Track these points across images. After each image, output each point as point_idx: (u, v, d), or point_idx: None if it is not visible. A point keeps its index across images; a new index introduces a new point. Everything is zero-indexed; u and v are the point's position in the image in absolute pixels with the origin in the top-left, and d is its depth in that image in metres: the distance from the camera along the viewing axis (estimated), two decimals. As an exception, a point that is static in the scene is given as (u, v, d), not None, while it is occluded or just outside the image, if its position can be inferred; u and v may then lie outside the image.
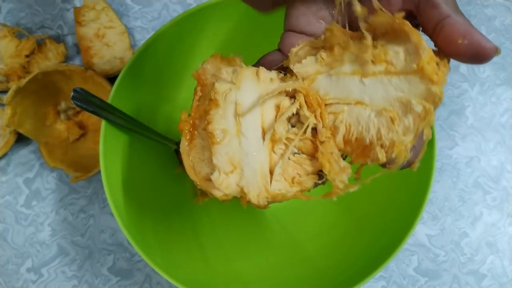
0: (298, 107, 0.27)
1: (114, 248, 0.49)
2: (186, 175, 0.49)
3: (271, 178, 0.27)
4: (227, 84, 0.27)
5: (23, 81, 0.47)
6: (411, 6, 0.26)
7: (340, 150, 0.27)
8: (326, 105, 0.28)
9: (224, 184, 0.26)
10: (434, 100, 0.24)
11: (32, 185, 0.51)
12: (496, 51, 0.24)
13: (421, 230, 0.50)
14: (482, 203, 0.51)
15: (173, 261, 0.42)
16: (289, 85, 0.27)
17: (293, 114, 0.28)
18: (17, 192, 0.51)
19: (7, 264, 0.49)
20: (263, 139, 0.27)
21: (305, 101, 0.28)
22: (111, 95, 0.41)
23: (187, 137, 0.27)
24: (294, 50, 0.28)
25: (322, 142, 0.27)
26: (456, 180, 0.51)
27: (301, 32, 0.30)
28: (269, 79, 0.27)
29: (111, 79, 0.53)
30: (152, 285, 0.48)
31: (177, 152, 0.48)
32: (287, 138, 0.27)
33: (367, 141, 0.26)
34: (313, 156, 0.28)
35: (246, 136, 0.27)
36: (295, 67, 0.28)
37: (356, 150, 0.26)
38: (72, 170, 0.49)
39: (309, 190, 0.27)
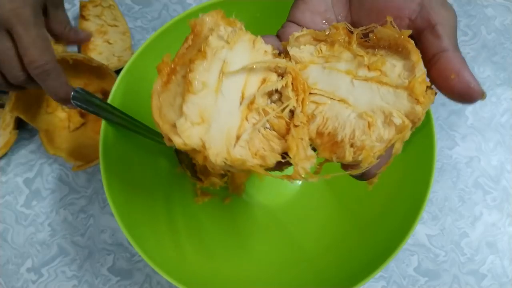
0: (284, 85, 0.27)
1: (114, 248, 0.49)
2: (187, 175, 0.49)
3: (236, 142, 0.26)
4: (221, 42, 0.26)
5: None
6: (413, 29, 0.27)
7: (310, 139, 0.27)
8: (310, 93, 0.28)
9: (187, 133, 0.25)
10: (414, 120, 0.25)
11: (32, 185, 0.51)
12: (481, 95, 0.25)
13: (421, 230, 0.50)
14: (482, 203, 0.51)
15: (173, 261, 0.42)
16: (282, 62, 0.27)
17: (275, 90, 0.27)
18: (17, 192, 0.51)
19: (7, 264, 0.49)
20: (240, 103, 0.26)
21: (292, 84, 0.27)
22: (111, 95, 0.41)
23: (163, 79, 0.26)
24: (296, 34, 0.28)
25: (295, 126, 0.27)
26: (456, 180, 0.51)
27: (303, 26, 0.30)
28: (263, 50, 0.27)
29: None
30: (152, 285, 0.48)
31: (177, 152, 0.48)
32: (263, 110, 0.27)
33: (339, 137, 0.26)
34: (283, 136, 0.27)
35: (224, 95, 0.26)
36: (292, 50, 0.28)
37: (325, 144, 0.27)
38: (73, 159, 0.49)
39: (269, 169, 0.27)
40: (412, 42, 0.25)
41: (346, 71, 0.27)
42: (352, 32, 0.28)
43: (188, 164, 0.48)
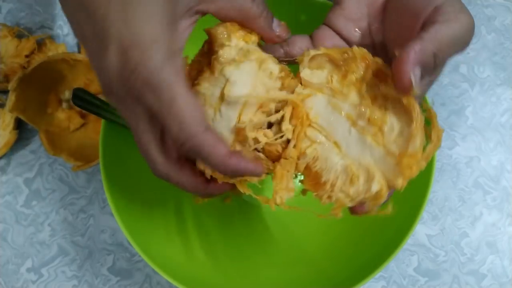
0: (279, 118, 0.28)
1: (114, 248, 0.49)
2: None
3: None
4: (230, 58, 0.27)
5: (29, 68, 0.48)
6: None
7: (298, 170, 0.28)
8: (310, 125, 0.28)
9: None
10: (391, 189, 0.26)
11: (32, 185, 0.51)
12: (408, 85, 0.23)
13: (421, 230, 0.50)
14: (482, 203, 0.51)
15: (173, 261, 0.42)
16: (281, 96, 0.27)
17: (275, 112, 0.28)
18: (17, 192, 0.51)
19: (7, 264, 0.49)
20: (235, 126, 0.27)
21: (292, 113, 0.28)
22: None
23: None
24: (312, 52, 0.28)
25: (285, 158, 0.28)
26: (456, 180, 0.51)
27: (337, 31, 0.30)
28: (269, 72, 0.27)
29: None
30: (152, 285, 0.48)
31: None
32: (254, 139, 0.27)
33: (323, 179, 0.27)
34: (273, 161, 0.28)
35: (222, 115, 0.27)
36: (303, 72, 0.28)
37: (310, 180, 0.28)
38: (73, 159, 0.49)
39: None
40: (418, 109, 0.25)
41: (348, 115, 0.27)
42: (369, 61, 0.27)
43: None
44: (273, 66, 0.27)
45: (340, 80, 0.28)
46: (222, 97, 0.26)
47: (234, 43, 0.27)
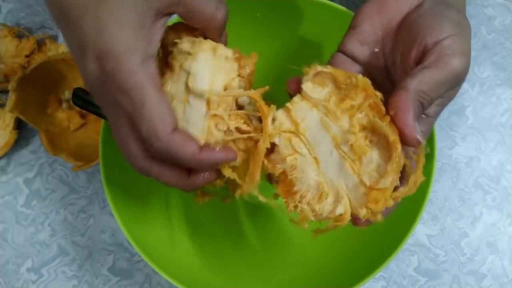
0: (247, 99, 0.29)
1: (114, 248, 0.49)
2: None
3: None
4: (184, 53, 0.28)
5: (29, 68, 0.48)
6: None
7: (272, 171, 0.29)
8: (297, 135, 0.29)
9: None
10: (352, 215, 0.28)
11: (32, 185, 0.51)
12: (416, 142, 0.26)
13: (421, 230, 0.50)
14: (482, 203, 0.51)
15: (173, 260, 0.42)
16: (246, 93, 0.29)
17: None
18: (17, 192, 0.51)
19: (7, 264, 0.49)
20: (206, 113, 0.28)
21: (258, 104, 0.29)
22: None
23: None
24: (319, 68, 0.29)
25: (255, 153, 0.29)
26: (456, 180, 0.51)
27: (351, 55, 0.32)
28: (224, 56, 0.28)
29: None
30: (152, 285, 0.48)
31: None
32: (229, 116, 0.28)
33: (295, 189, 0.28)
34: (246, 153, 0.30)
35: (191, 106, 0.28)
36: (305, 85, 0.29)
37: (284, 186, 0.29)
38: (73, 159, 0.49)
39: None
40: (399, 149, 0.26)
41: (334, 137, 0.28)
42: (371, 94, 0.28)
43: None
44: (226, 51, 0.29)
45: (337, 103, 0.28)
46: (188, 90, 0.28)
47: (185, 40, 0.29)
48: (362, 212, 0.27)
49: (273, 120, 0.29)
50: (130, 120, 0.27)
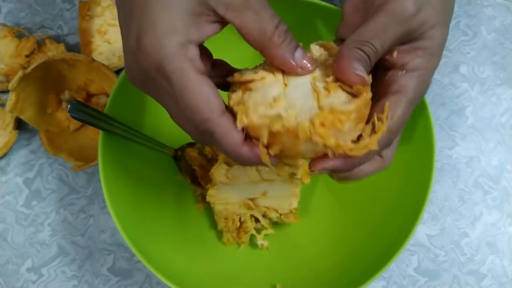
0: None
1: (114, 248, 0.49)
2: (186, 182, 0.49)
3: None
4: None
5: (29, 68, 0.48)
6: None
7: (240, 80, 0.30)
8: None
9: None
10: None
11: (32, 185, 0.51)
12: (357, 78, 0.27)
13: (421, 230, 0.50)
14: (482, 203, 0.51)
15: (172, 263, 0.42)
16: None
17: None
18: (17, 192, 0.51)
19: (7, 264, 0.49)
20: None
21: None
22: (108, 104, 0.41)
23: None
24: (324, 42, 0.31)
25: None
26: (456, 180, 0.51)
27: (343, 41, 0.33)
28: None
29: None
30: (152, 285, 0.48)
31: (176, 159, 0.47)
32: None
33: (250, 85, 0.29)
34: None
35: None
36: (313, 46, 0.31)
37: (243, 85, 0.30)
38: (73, 159, 0.49)
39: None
40: (365, 96, 0.28)
41: (314, 77, 0.29)
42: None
43: (188, 171, 0.47)
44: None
45: (328, 60, 0.31)
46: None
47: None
48: (306, 125, 0.26)
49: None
50: (174, 101, 0.27)
